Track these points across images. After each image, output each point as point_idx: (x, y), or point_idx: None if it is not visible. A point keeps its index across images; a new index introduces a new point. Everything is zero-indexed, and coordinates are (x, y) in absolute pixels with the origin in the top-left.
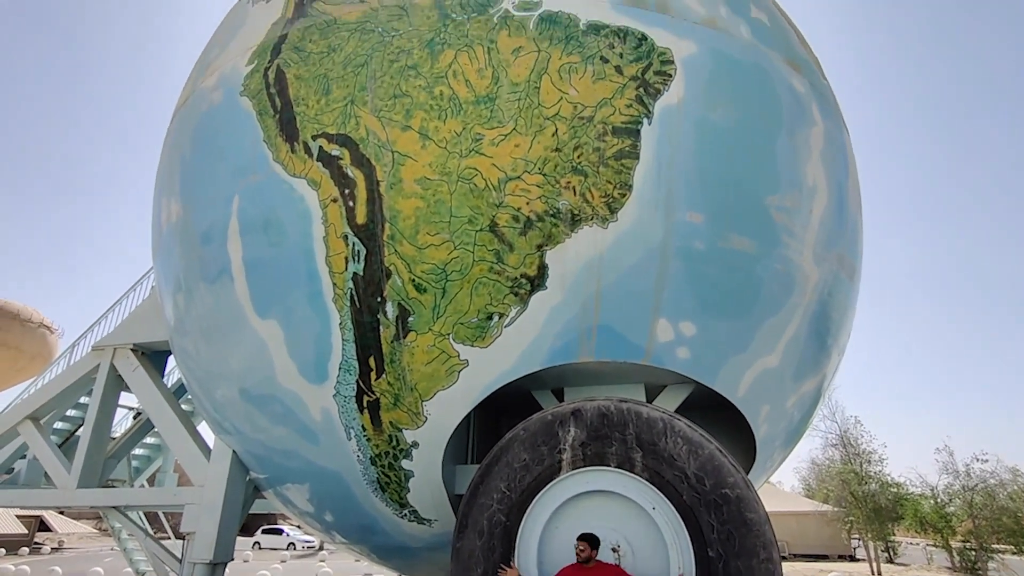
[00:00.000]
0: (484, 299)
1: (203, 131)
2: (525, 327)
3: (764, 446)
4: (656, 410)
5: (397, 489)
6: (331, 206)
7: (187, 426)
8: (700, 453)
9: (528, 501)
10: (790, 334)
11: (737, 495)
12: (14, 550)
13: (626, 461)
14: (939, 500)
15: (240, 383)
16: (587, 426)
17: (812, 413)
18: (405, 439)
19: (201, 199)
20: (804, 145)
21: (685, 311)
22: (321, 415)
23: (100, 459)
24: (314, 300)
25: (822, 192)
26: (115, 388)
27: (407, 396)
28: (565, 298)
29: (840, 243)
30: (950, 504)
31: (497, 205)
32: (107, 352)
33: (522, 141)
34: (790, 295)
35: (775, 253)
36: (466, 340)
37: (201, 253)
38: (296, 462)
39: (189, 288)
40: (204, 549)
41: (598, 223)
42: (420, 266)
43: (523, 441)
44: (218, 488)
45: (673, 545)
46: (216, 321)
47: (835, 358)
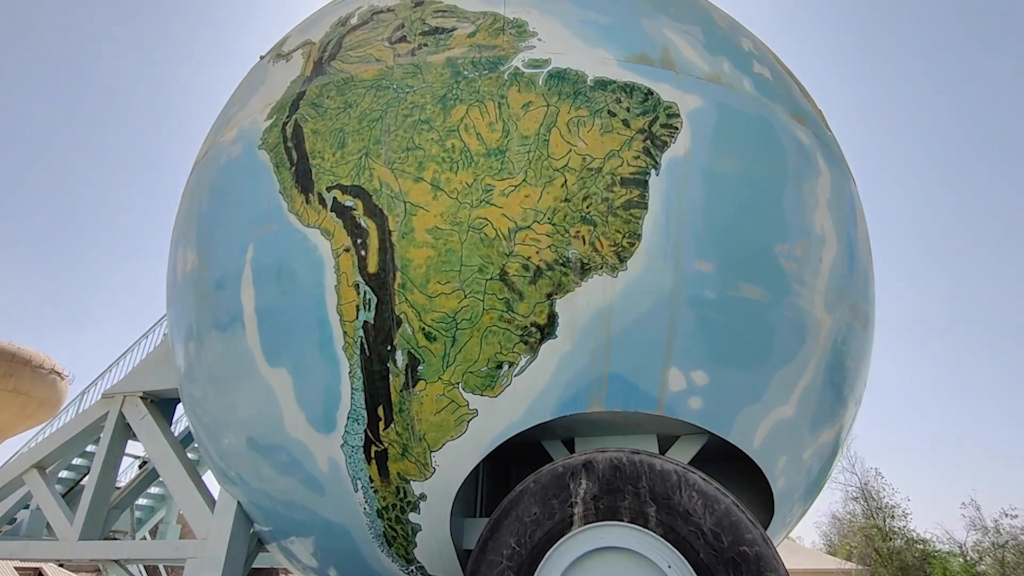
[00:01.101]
0: (494, 348)
1: (221, 182)
2: (535, 376)
3: (782, 500)
4: (670, 462)
5: (404, 543)
6: (343, 255)
7: (192, 476)
8: (716, 508)
9: (539, 558)
10: (805, 383)
11: (756, 553)
12: None
13: (640, 516)
14: (968, 558)
15: (247, 431)
16: (599, 478)
17: (831, 465)
18: (413, 491)
19: (216, 248)
20: (811, 194)
21: (697, 360)
22: (328, 465)
23: (104, 510)
24: (324, 348)
25: (831, 241)
26: (122, 436)
27: (415, 446)
28: (575, 347)
29: (852, 291)
30: (980, 562)
31: (507, 254)
32: (116, 400)
33: (532, 192)
34: (803, 344)
35: (786, 301)
36: (475, 389)
37: (214, 301)
38: (301, 514)
39: (201, 336)
40: None
41: (608, 272)
42: (430, 314)
43: (534, 494)
44: (221, 541)
45: None
46: (226, 368)
47: (852, 408)
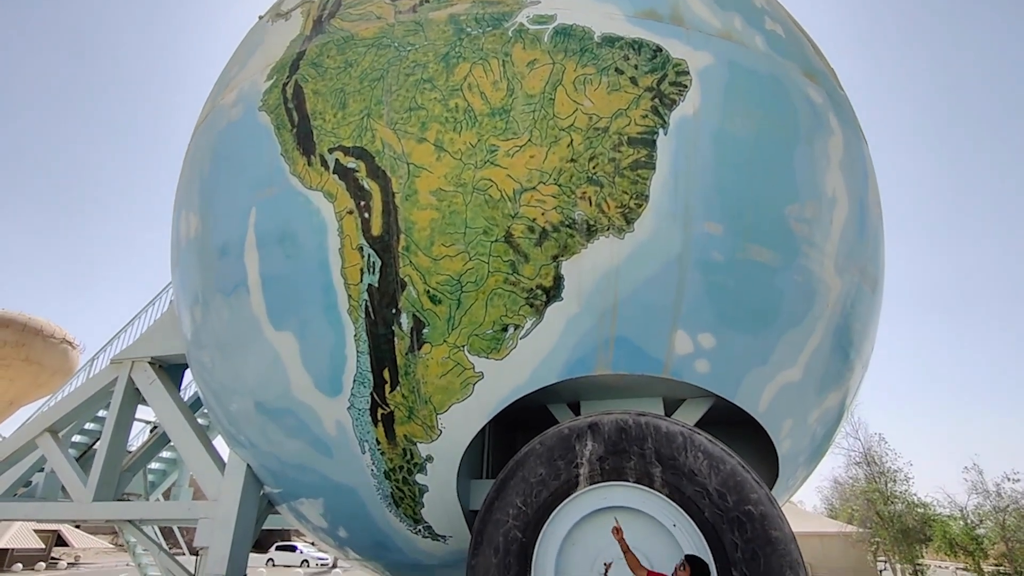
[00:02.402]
0: (499, 310)
1: (222, 146)
2: (541, 339)
3: (787, 462)
4: (675, 424)
5: (411, 504)
6: (347, 218)
7: (202, 440)
8: (721, 468)
9: (545, 517)
10: (812, 347)
11: (761, 512)
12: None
13: (645, 476)
14: (969, 521)
15: (255, 396)
16: (605, 440)
17: (836, 429)
18: (419, 453)
19: (219, 212)
20: (823, 155)
21: (704, 323)
22: (335, 428)
23: (116, 472)
24: (329, 312)
25: (842, 202)
26: (132, 401)
27: (421, 409)
28: (582, 309)
29: (861, 254)
30: (981, 526)
31: (512, 216)
32: (125, 365)
33: (537, 152)
34: (811, 307)
35: (795, 264)
36: (481, 352)
37: (218, 266)
38: (310, 476)
39: (206, 301)
40: (217, 564)
41: (614, 234)
42: (435, 277)
43: (539, 455)
44: (232, 502)
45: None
46: (232, 334)
47: (858, 371)
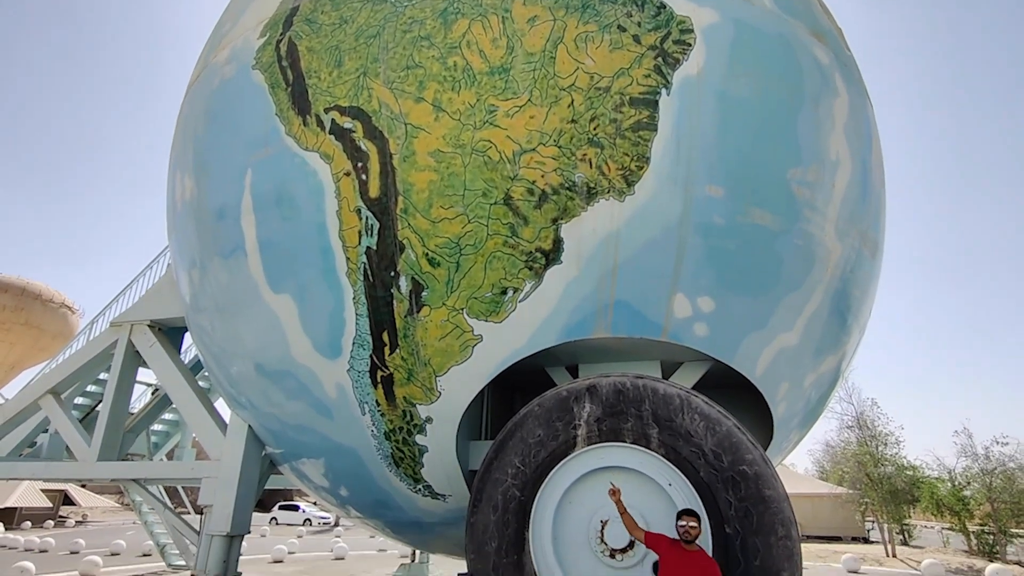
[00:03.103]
0: (498, 273)
1: (215, 106)
2: (540, 302)
3: (781, 425)
4: (673, 386)
5: (411, 464)
6: (344, 180)
7: (203, 401)
8: (718, 430)
9: (543, 476)
10: (810, 311)
11: (755, 472)
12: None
13: (642, 437)
14: (957, 483)
15: (255, 359)
16: (603, 402)
17: (830, 393)
18: (419, 414)
19: (214, 174)
20: (827, 117)
21: (704, 287)
22: (335, 390)
23: (119, 433)
24: (328, 275)
25: (845, 166)
26: (133, 364)
27: (421, 371)
28: (581, 273)
29: (863, 219)
30: (968, 487)
31: (512, 178)
32: (124, 328)
33: (537, 112)
34: (811, 271)
35: (796, 228)
36: (480, 315)
37: (215, 229)
38: (311, 437)
39: (204, 264)
40: (221, 521)
41: (615, 196)
42: (434, 240)
43: (538, 417)
44: (234, 462)
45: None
46: (230, 297)
47: (856, 337)
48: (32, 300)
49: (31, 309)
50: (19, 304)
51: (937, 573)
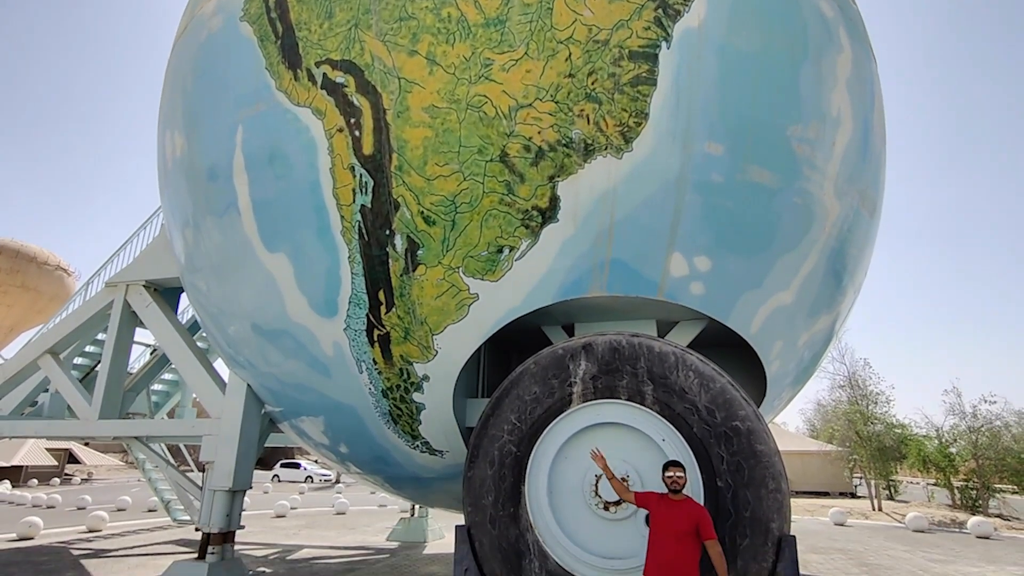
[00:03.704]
0: (494, 232)
1: (203, 60)
2: (536, 261)
3: (774, 383)
4: (668, 344)
5: (409, 421)
6: (337, 136)
7: (202, 361)
8: (711, 387)
9: (539, 433)
10: (806, 271)
11: (748, 427)
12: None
13: (637, 394)
14: (944, 440)
15: (252, 318)
16: (598, 360)
17: (823, 352)
18: (416, 372)
19: (204, 132)
20: (830, 73)
21: (700, 246)
22: (332, 349)
23: (119, 392)
24: (322, 233)
25: (847, 123)
26: (130, 324)
27: (417, 330)
28: (577, 231)
29: (862, 178)
30: (954, 444)
31: (508, 134)
32: (120, 288)
33: (534, 66)
34: (808, 230)
35: (795, 187)
36: (476, 274)
37: (207, 188)
38: (309, 395)
39: (197, 224)
40: (223, 477)
41: (612, 153)
42: (429, 198)
43: (534, 374)
44: (234, 420)
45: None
46: (225, 257)
47: (851, 297)
48: (27, 263)
49: (27, 272)
50: (14, 267)
51: (921, 525)
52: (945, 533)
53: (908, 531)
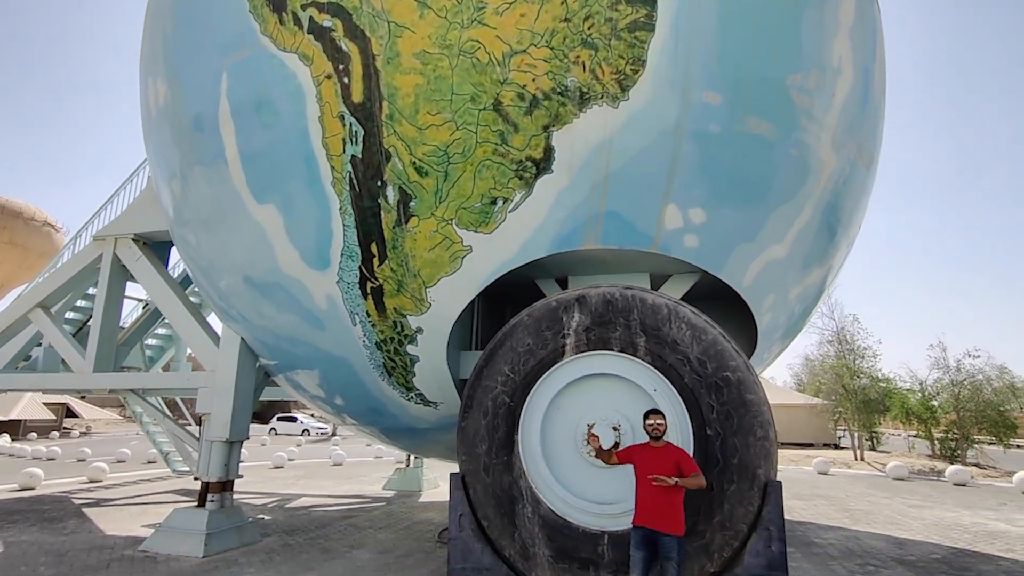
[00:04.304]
0: (488, 183)
1: (183, 3)
2: (530, 212)
3: (765, 336)
4: (661, 297)
5: (403, 373)
6: (325, 83)
7: (195, 314)
8: (703, 338)
9: (532, 384)
10: (801, 224)
11: (738, 378)
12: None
13: (629, 345)
14: (927, 393)
15: (243, 272)
16: (591, 312)
17: (814, 307)
18: (409, 325)
19: (188, 79)
20: (832, 19)
21: (696, 198)
22: (326, 302)
23: (112, 346)
24: (312, 184)
25: (847, 73)
26: (120, 278)
27: (410, 282)
28: (572, 182)
29: (860, 129)
30: (937, 397)
31: (501, 82)
32: (108, 242)
33: (528, 10)
34: (804, 183)
35: (793, 138)
36: (469, 226)
37: (193, 138)
38: (303, 348)
39: (184, 175)
40: (220, 428)
41: (608, 102)
42: (421, 148)
43: (527, 326)
44: (229, 373)
45: (673, 424)
46: (214, 209)
47: (843, 251)
48: (14, 219)
49: (14, 228)
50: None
51: (901, 474)
52: (924, 481)
53: (888, 479)
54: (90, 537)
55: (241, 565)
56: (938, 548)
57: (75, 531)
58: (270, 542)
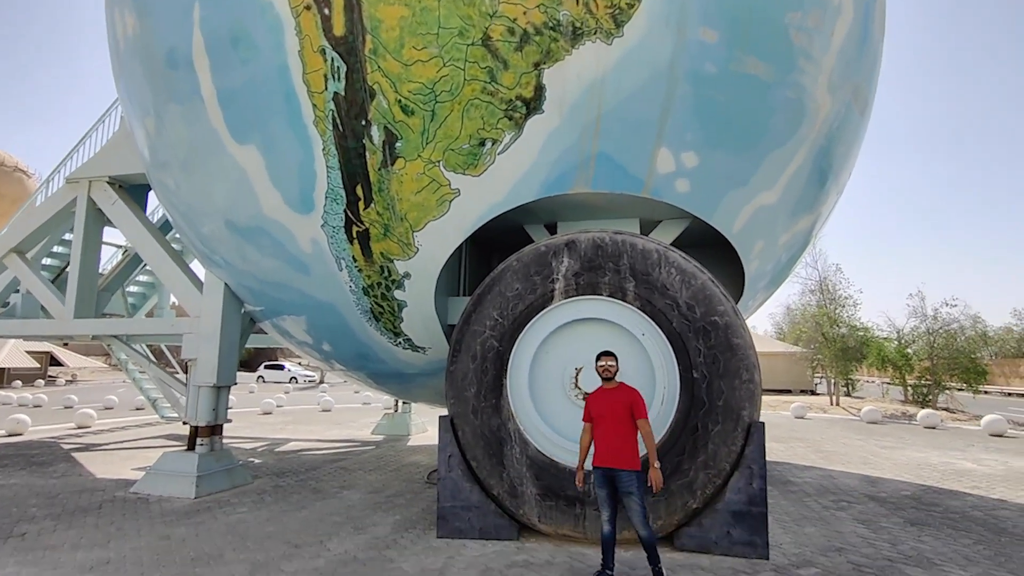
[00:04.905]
0: (476, 123)
1: None
2: (520, 154)
3: (751, 284)
4: (651, 241)
5: (391, 319)
6: (304, 14)
7: (175, 259)
8: (692, 283)
9: (520, 328)
10: (793, 169)
11: (726, 322)
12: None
13: (619, 290)
14: (903, 341)
15: (225, 215)
16: (581, 257)
17: (800, 255)
18: (397, 270)
19: (157, 9)
20: None
21: (689, 141)
22: (311, 246)
23: (93, 291)
24: (294, 123)
25: (847, 12)
26: (96, 222)
27: (397, 226)
28: (563, 123)
29: (857, 72)
30: (912, 345)
31: (490, 15)
32: (82, 185)
33: None
34: (799, 126)
35: (789, 79)
36: (457, 168)
37: (166, 74)
38: (289, 294)
39: (158, 113)
40: (207, 374)
41: (602, 38)
42: (407, 85)
43: (516, 271)
44: (213, 318)
45: (660, 368)
46: (192, 150)
47: (833, 198)
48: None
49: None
50: None
51: (874, 417)
52: (896, 424)
53: (863, 423)
54: (80, 480)
55: (233, 505)
56: (908, 485)
57: (65, 474)
58: (261, 484)
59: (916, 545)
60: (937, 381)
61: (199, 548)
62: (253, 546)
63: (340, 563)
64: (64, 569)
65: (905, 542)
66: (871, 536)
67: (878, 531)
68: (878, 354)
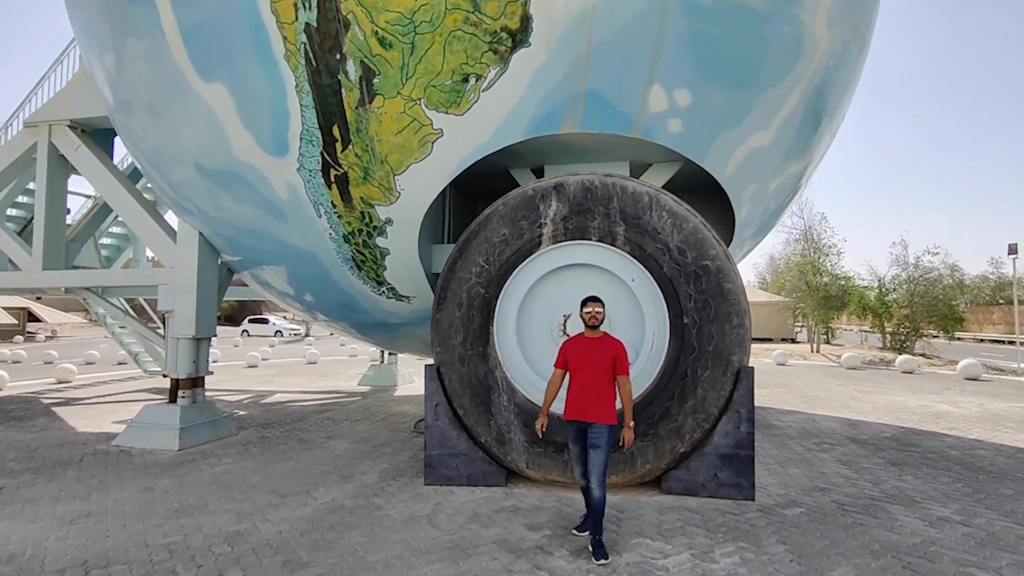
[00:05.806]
0: (459, 57)
1: None
2: (505, 91)
3: (741, 229)
4: (642, 184)
5: (373, 267)
6: None
7: (146, 207)
8: (684, 227)
9: (507, 274)
10: (787, 110)
11: (717, 267)
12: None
13: (608, 235)
14: (884, 289)
15: (195, 160)
16: (570, 200)
17: (789, 202)
18: (378, 216)
19: None
20: None
21: (682, 77)
22: (287, 191)
23: (61, 242)
24: (263, 58)
25: None
26: (60, 169)
27: (377, 170)
28: (551, 57)
29: (858, 7)
30: (893, 293)
31: None
32: (42, 129)
33: None
34: (795, 63)
35: (787, 12)
36: (439, 106)
37: (122, 5)
38: (267, 243)
39: (117, 50)
40: (185, 325)
41: None
42: (383, 15)
43: (503, 216)
44: (189, 269)
45: (649, 314)
46: (156, 90)
47: (826, 142)
48: None
49: None
50: None
51: (854, 364)
52: (875, 370)
53: (842, 369)
54: (61, 434)
55: (218, 456)
56: (888, 428)
57: (45, 428)
58: (246, 435)
59: (897, 484)
60: (915, 328)
61: (183, 499)
62: (239, 496)
63: (327, 511)
64: (43, 522)
65: (887, 481)
66: (853, 476)
67: (860, 471)
68: (859, 302)
